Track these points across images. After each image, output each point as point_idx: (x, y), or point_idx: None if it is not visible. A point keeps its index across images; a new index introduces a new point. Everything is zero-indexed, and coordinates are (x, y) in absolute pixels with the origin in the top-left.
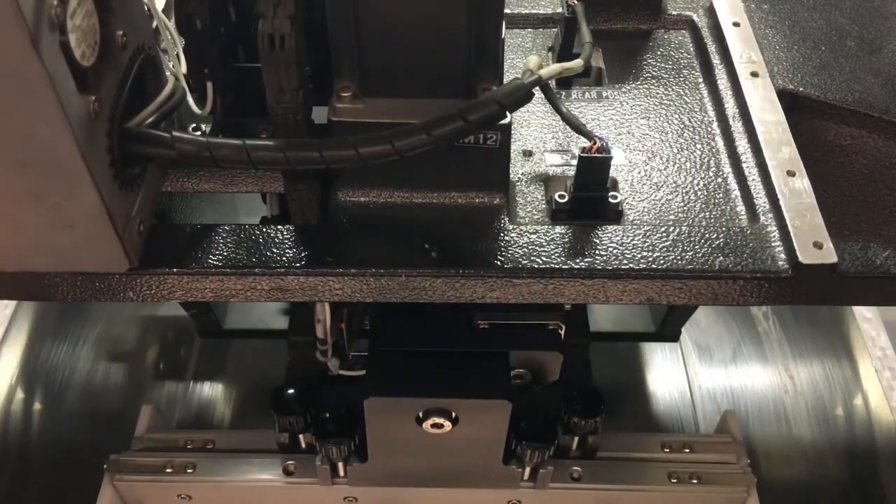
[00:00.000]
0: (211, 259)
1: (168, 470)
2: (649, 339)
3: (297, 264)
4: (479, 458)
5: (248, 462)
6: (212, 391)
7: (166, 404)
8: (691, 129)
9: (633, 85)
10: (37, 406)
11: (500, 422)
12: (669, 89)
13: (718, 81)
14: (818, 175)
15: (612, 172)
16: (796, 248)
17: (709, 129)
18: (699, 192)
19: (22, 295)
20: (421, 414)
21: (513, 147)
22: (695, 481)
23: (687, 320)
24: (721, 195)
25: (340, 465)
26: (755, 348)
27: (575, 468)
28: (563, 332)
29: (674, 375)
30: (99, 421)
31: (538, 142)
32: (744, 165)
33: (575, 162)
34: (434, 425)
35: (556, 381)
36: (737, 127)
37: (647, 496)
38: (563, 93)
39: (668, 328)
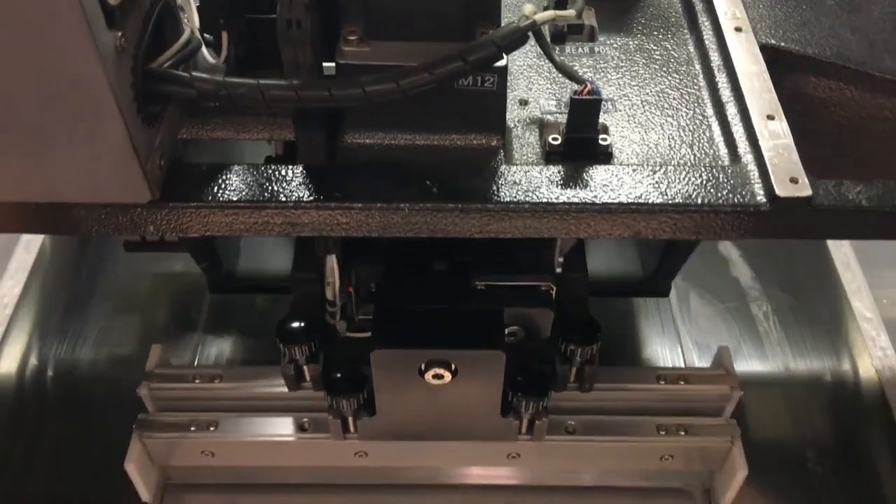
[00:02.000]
0: (227, 194)
1: (192, 428)
2: (640, 294)
3: (307, 200)
4: (478, 410)
5: (266, 420)
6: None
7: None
8: (678, 81)
9: (624, 41)
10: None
11: (496, 372)
12: (658, 45)
13: (704, 37)
14: (798, 127)
15: (602, 118)
16: (773, 183)
17: (695, 80)
18: (684, 136)
19: (49, 228)
20: (423, 366)
21: (509, 97)
22: (682, 433)
23: (676, 273)
24: (705, 139)
25: (350, 419)
26: (755, 348)
27: (570, 422)
28: (554, 293)
29: None
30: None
31: (534, 92)
32: (727, 111)
33: (567, 110)
34: (435, 376)
35: (548, 339)
36: (721, 78)
37: (638, 446)
38: (558, 48)
39: (658, 281)
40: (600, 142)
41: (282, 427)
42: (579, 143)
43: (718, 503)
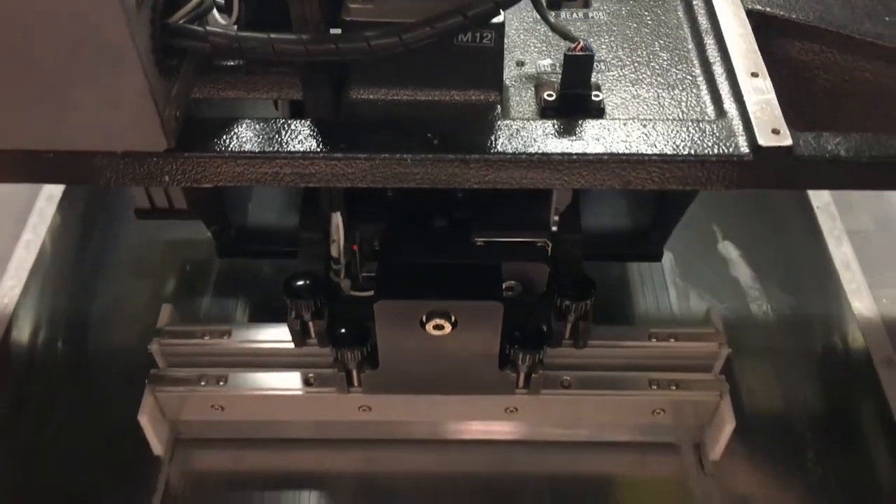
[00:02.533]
0: (239, 145)
1: (202, 383)
2: (633, 258)
3: (315, 151)
4: (477, 363)
5: (273, 375)
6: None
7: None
8: (668, 43)
9: (616, 7)
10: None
11: (494, 323)
12: (649, 10)
13: (693, 3)
14: (784, 92)
15: (595, 78)
16: (756, 134)
17: (684, 43)
18: (673, 94)
19: (68, 178)
20: (424, 317)
21: (507, 58)
22: (673, 388)
23: (668, 238)
24: (693, 96)
25: (354, 372)
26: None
27: (565, 377)
28: (549, 249)
29: None
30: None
31: (530, 54)
32: (713, 70)
33: (561, 70)
34: (436, 327)
35: (544, 295)
36: (708, 40)
37: (631, 400)
38: (553, 13)
39: (650, 245)
40: (593, 98)
41: (288, 382)
42: (573, 99)
43: (708, 456)
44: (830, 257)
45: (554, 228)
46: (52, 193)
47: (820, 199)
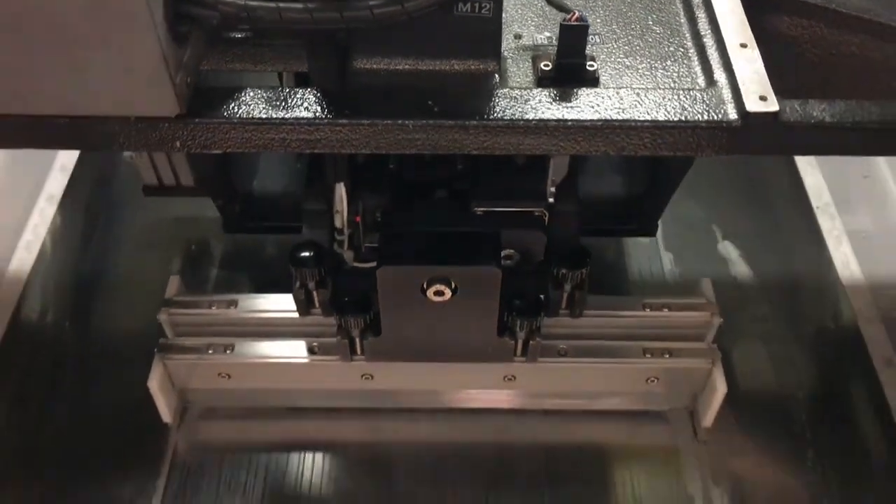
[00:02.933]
0: (247, 112)
1: (210, 351)
2: (628, 234)
3: (320, 117)
4: (476, 329)
5: (278, 343)
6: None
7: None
8: (661, 17)
9: None
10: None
11: (493, 289)
12: None
13: None
14: (774, 65)
15: (590, 50)
16: (745, 100)
17: (676, 17)
18: (665, 64)
19: (82, 143)
20: (425, 283)
21: (504, 31)
22: (666, 356)
23: (661, 213)
24: (684, 67)
25: (357, 340)
26: (754, 348)
27: (561, 346)
28: (546, 218)
29: None
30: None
31: (527, 28)
32: (704, 42)
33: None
34: (436, 293)
35: (541, 264)
36: (700, 14)
37: (626, 368)
38: None
39: (644, 221)
40: (588, 67)
41: (293, 350)
42: (568, 69)
43: (701, 423)
44: (830, 257)
45: (551, 200)
46: (52, 193)
47: (820, 199)
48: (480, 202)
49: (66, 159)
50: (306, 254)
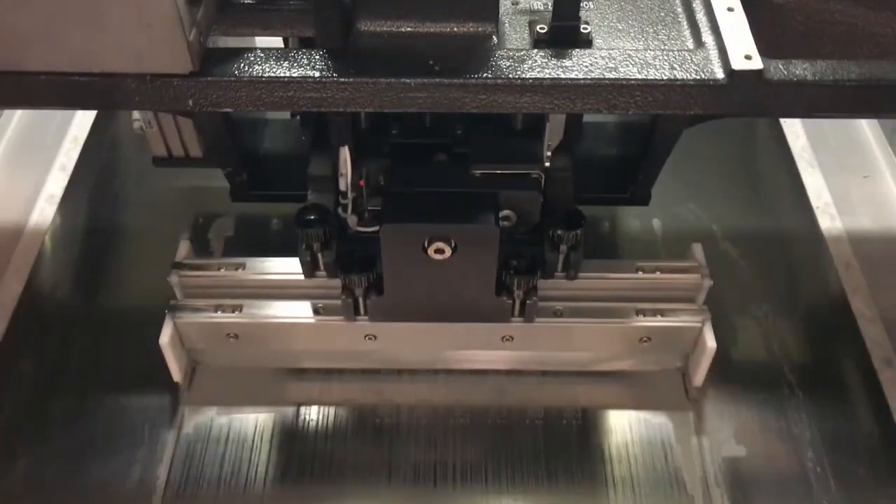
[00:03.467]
0: (258, 70)
1: (218, 311)
2: (622, 203)
3: (326, 76)
4: (475, 287)
5: (284, 304)
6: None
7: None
8: None
9: None
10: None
11: (491, 247)
12: None
13: None
14: (761, 35)
15: (584, 15)
16: (730, 60)
17: None
18: (656, 28)
19: (100, 101)
20: (426, 242)
21: None
22: (658, 316)
23: (654, 182)
24: (674, 30)
25: (361, 299)
26: (754, 349)
27: (558, 307)
28: (542, 180)
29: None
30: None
31: None
32: (693, 7)
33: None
34: (437, 251)
35: (537, 225)
36: None
37: (620, 328)
38: None
39: (638, 190)
40: (582, 30)
41: (298, 311)
42: (563, 31)
43: (692, 382)
44: (831, 257)
45: (547, 164)
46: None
47: (820, 199)
48: (479, 165)
49: (66, 159)
50: (312, 216)
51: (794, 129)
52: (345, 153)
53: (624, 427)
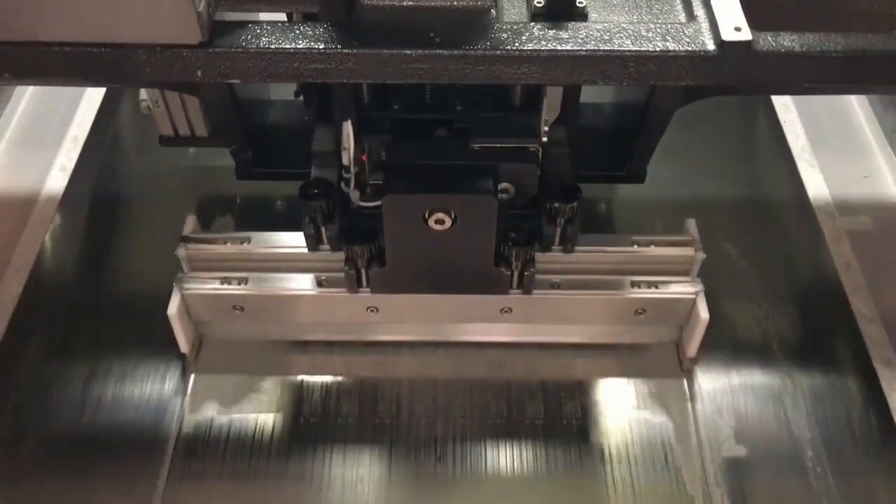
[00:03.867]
0: (264, 42)
1: (224, 284)
2: (618, 181)
3: (331, 48)
4: (475, 258)
5: (289, 276)
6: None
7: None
8: None
9: None
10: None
11: (489, 218)
12: None
13: None
14: (751, 9)
15: None
16: (721, 31)
17: None
18: (649, 2)
19: (111, 74)
20: (427, 213)
21: None
22: (653, 289)
23: (649, 160)
24: (667, 4)
25: (363, 272)
26: (754, 350)
27: (555, 280)
28: (540, 154)
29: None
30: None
31: None
32: None
33: None
34: (437, 221)
35: (535, 199)
36: None
37: (615, 300)
38: None
39: (634, 167)
40: (577, 4)
41: (303, 283)
42: (559, 5)
43: (686, 353)
44: (831, 257)
45: (544, 139)
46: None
47: (819, 199)
48: (478, 139)
49: (67, 159)
50: (316, 188)
51: (795, 129)
52: (348, 127)
53: (624, 427)
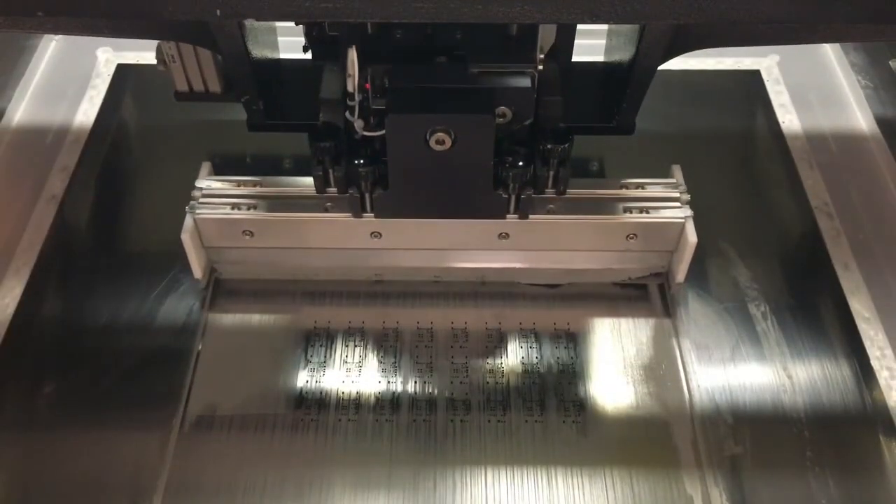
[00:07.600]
0: None
1: (235, 210)
2: (607, 132)
3: None
4: (474, 179)
5: (296, 203)
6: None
7: None
8: None
9: None
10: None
11: (487, 136)
12: None
13: None
14: None
15: None
16: None
17: None
18: None
19: (134, 11)
20: (428, 133)
21: None
22: (644, 213)
23: (637, 111)
24: None
25: (367, 196)
26: (754, 348)
27: (550, 206)
28: (536, 79)
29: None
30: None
31: None
32: None
33: None
34: (438, 142)
35: (531, 123)
36: None
37: (608, 224)
38: None
39: (622, 119)
40: None
41: (309, 209)
42: None
43: (675, 277)
44: (830, 257)
45: (540, 66)
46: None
47: (820, 199)
48: (477, 63)
49: (67, 159)
50: (324, 130)
51: (795, 130)
52: (352, 54)
53: (624, 427)
